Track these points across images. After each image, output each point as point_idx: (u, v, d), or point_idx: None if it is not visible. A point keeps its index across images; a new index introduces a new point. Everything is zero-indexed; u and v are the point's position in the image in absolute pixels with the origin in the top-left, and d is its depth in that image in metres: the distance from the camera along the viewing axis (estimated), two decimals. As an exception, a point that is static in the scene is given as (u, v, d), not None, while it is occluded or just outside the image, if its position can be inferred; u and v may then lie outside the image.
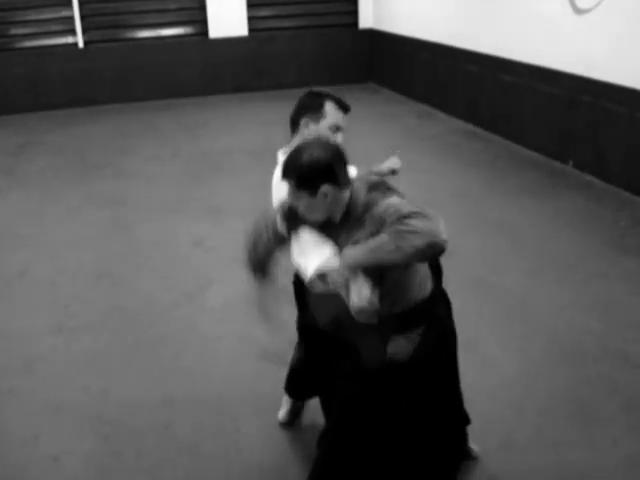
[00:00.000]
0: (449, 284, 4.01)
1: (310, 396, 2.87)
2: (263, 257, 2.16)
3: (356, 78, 10.76)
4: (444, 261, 4.55)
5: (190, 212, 5.55)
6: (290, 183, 1.99)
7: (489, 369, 3.29)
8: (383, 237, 1.85)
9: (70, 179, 6.51)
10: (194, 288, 4.23)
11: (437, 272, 2.43)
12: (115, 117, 9.17)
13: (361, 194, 2.01)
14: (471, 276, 4.23)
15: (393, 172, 2.82)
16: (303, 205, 2.00)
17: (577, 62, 6.01)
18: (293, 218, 2.09)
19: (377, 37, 10.51)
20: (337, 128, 2.37)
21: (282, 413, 2.96)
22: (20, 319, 3.95)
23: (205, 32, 10.06)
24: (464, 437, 2.60)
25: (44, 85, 9.55)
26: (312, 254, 2.03)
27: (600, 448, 2.73)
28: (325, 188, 1.94)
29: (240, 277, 4.33)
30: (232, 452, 2.80)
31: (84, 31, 9.55)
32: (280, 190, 2.17)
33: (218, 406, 3.08)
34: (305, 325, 2.52)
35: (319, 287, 2.03)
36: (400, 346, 2.04)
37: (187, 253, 4.79)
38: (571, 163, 6.25)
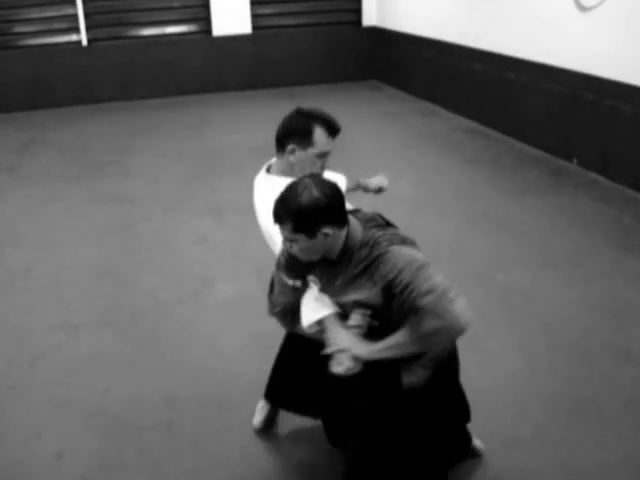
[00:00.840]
0: (452, 281, 4.01)
1: (290, 406, 2.76)
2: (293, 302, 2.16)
3: (360, 76, 10.75)
4: (448, 259, 4.55)
5: (193, 210, 5.55)
6: (286, 227, 1.89)
7: (492, 367, 3.28)
8: (405, 339, 1.89)
9: (74, 176, 6.52)
10: (197, 285, 4.23)
11: None
12: (118, 115, 9.18)
13: (358, 230, 1.96)
14: (474, 273, 4.23)
15: (380, 189, 2.77)
16: (299, 247, 1.92)
17: (581, 60, 5.99)
18: (294, 267, 2.06)
19: (381, 35, 10.50)
20: (325, 154, 2.26)
21: (258, 420, 2.87)
22: (23, 316, 3.95)
23: (209, 30, 10.06)
24: (468, 437, 2.59)
25: (48, 83, 9.57)
26: (312, 308, 2.09)
27: (604, 446, 2.73)
28: (326, 229, 1.86)
29: (243, 274, 4.36)
30: (236, 449, 2.80)
31: (88, 29, 9.56)
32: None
33: (221, 403, 3.08)
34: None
35: (313, 331, 2.10)
36: (416, 375, 2.03)
37: (190, 250, 4.79)
38: (575, 161, 6.24)
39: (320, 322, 2.09)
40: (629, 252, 4.45)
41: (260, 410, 2.90)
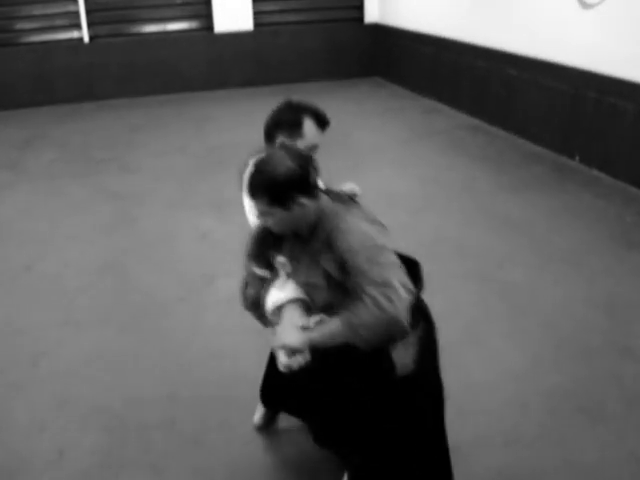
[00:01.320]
0: (455, 278, 4.02)
1: (283, 409, 2.76)
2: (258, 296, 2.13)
3: (362, 73, 10.74)
4: (450, 256, 4.54)
5: (195, 206, 5.55)
6: (261, 201, 1.86)
7: (494, 364, 3.28)
8: (338, 326, 1.84)
9: (76, 173, 6.52)
10: (199, 282, 4.23)
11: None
12: (120, 112, 9.17)
13: (328, 204, 1.94)
14: (477, 270, 4.22)
15: (351, 197, 2.76)
16: (275, 220, 1.90)
17: (584, 57, 5.98)
18: (263, 253, 2.04)
19: (383, 32, 10.48)
20: (314, 147, 2.25)
21: (258, 417, 2.89)
22: (26, 313, 3.95)
23: (210, 27, 10.05)
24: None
25: (50, 80, 9.56)
26: (274, 296, 2.06)
27: (606, 444, 2.73)
28: (302, 200, 1.84)
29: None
30: (237, 447, 2.80)
31: (89, 26, 9.55)
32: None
33: (224, 400, 3.08)
34: None
35: (276, 320, 2.09)
36: (402, 354, 1.99)
37: (192, 247, 4.79)
38: (577, 158, 6.23)
39: (281, 312, 2.07)
40: (631, 249, 4.45)
41: (260, 408, 2.91)
